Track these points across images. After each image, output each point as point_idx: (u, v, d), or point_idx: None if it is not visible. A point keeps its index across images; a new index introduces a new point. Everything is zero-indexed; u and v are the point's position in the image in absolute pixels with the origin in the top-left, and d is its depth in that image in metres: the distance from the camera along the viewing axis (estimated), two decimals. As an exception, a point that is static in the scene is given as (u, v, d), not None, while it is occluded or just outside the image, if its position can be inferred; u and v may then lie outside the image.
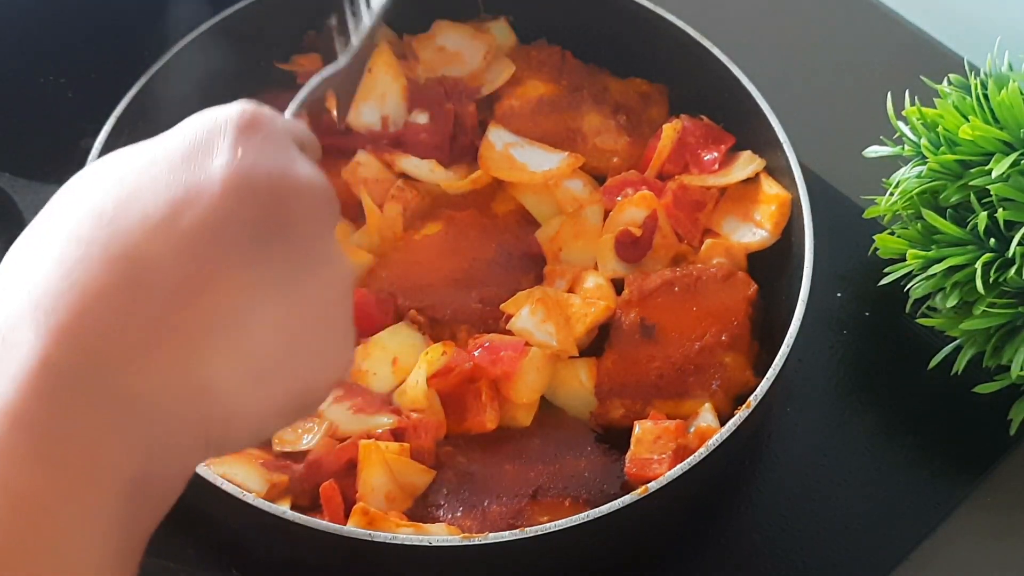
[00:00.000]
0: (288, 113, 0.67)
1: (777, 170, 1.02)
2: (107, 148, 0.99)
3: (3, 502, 0.45)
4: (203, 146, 0.52)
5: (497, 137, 1.07)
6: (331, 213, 0.55)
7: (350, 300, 0.56)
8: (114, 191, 0.51)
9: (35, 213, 1.20)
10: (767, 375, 0.89)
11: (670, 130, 1.06)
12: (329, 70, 0.76)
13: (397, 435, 0.92)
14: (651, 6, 1.09)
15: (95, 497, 0.47)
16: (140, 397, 0.48)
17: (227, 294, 0.50)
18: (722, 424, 0.88)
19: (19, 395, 0.46)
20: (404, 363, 0.95)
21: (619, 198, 1.04)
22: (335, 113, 0.79)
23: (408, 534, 0.83)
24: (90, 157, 0.98)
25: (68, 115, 1.16)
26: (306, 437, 0.91)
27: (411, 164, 1.06)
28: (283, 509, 0.83)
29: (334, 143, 1.03)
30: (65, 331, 0.47)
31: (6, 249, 0.52)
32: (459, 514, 0.89)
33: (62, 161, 1.04)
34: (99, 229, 0.49)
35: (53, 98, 1.18)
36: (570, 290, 1.02)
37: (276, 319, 0.51)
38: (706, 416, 0.93)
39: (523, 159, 1.05)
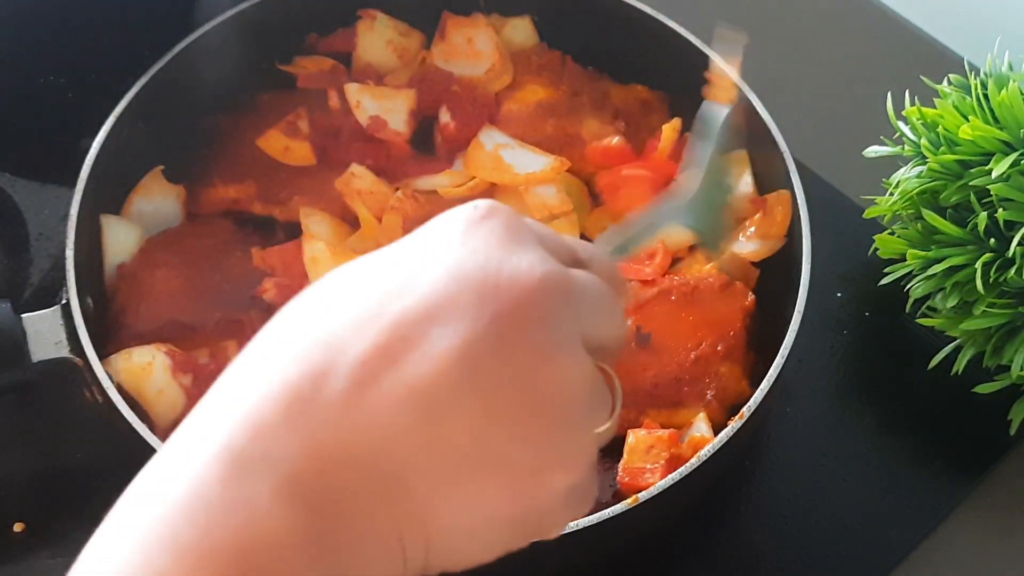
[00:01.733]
0: (610, 255, 0.61)
1: (776, 175, 1.02)
2: (107, 148, 0.99)
3: None
4: (429, 244, 0.50)
5: (488, 138, 1.06)
6: (561, 303, 0.50)
7: (584, 403, 0.51)
8: (335, 287, 0.50)
9: (35, 213, 1.21)
10: (761, 385, 0.88)
11: (670, 130, 1.06)
12: (670, 203, 0.66)
13: None
14: (651, 11, 1.08)
15: None
16: (321, 484, 0.46)
17: (420, 380, 0.47)
18: (716, 433, 0.88)
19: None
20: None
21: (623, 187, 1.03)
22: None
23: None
24: (89, 157, 0.98)
25: (68, 115, 1.16)
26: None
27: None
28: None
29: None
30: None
31: (5, 250, 0.52)
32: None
33: (62, 161, 1.05)
34: (307, 322, 0.49)
35: (53, 98, 1.18)
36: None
37: (484, 407, 0.48)
38: (700, 426, 0.92)
39: (510, 161, 1.05)
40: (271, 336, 0.49)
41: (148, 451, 0.52)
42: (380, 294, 0.48)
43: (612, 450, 0.93)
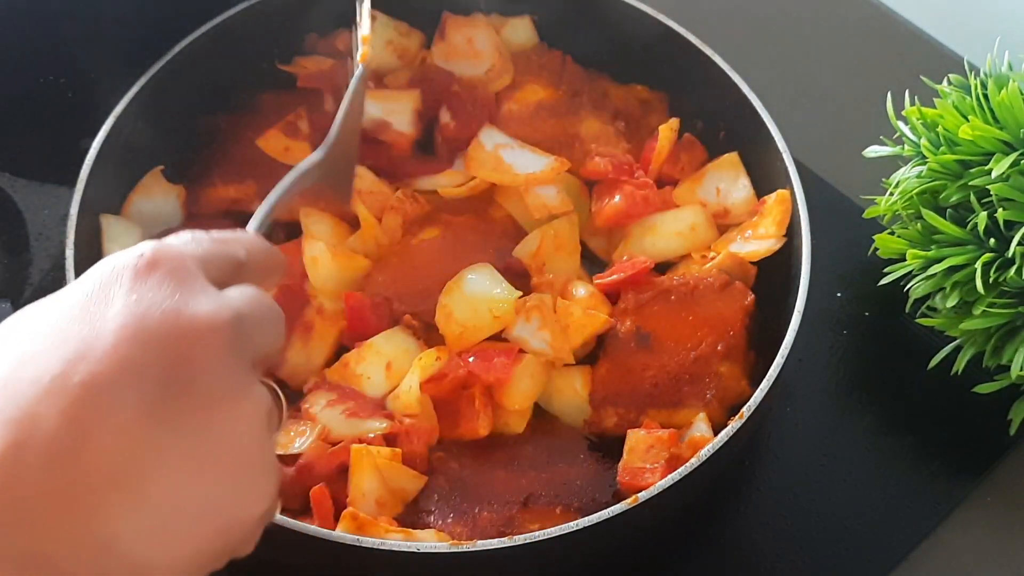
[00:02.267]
0: (256, 237, 0.64)
1: (776, 175, 1.02)
2: (107, 148, 0.99)
3: None
4: (100, 297, 0.52)
5: (488, 138, 1.06)
6: (231, 343, 0.53)
7: (264, 433, 0.55)
8: (12, 355, 0.51)
9: (35, 213, 1.21)
10: (761, 385, 0.88)
11: (667, 130, 1.06)
12: (305, 163, 0.71)
13: (389, 440, 0.92)
14: (651, 11, 1.08)
15: None
16: (35, 557, 0.48)
17: (117, 448, 0.49)
18: (716, 434, 0.88)
19: None
20: (398, 368, 0.95)
21: (617, 198, 1.03)
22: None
23: (397, 540, 0.83)
24: (89, 157, 0.98)
25: (68, 115, 1.16)
26: (298, 440, 0.91)
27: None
28: (272, 513, 0.82)
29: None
30: None
31: (5, 249, 0.53)
32: (449, 520, 0.89)
33: (62, 161, 1.05)
34: None
35: (53, 98, 1.18)
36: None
37: (178, 464, 0.50)
38: (700, 426, 0.92)
39: (510, 161, 1.05)
40: None
41: None
42: (63, 357, 0.50)
43: (612, 450, 0.93)
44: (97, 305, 0.51)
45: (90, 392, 0.49)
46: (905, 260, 0.98)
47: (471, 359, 0.95)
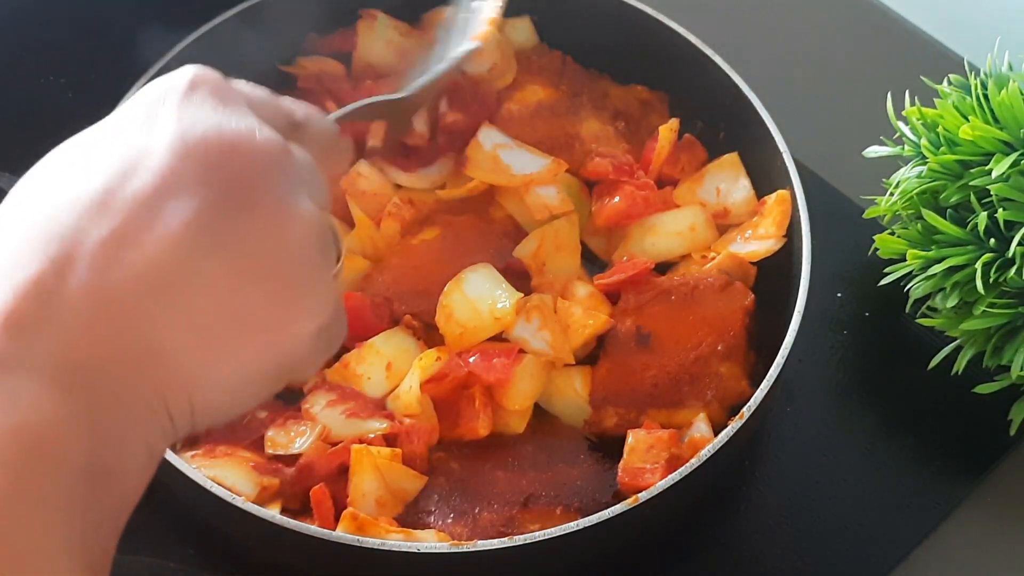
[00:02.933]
0: (329, 118, 0.65)
1: (776, 175, 1.02)
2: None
3: None
4: (145, 116, 0.52)
5: (487, 138, 1.06)
6: (281, 165, 0.53)
7: (316, 253, 0.54)
8: (58, 176, 0.51)
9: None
10: (761, 385, 0.88)
11: (667, 131, 1.06)
12: (387, 96, 0.74)
13: (389, 440, 0.92)
14: (651, 11, 1.08)
15: (45, 485, 0.46)
16: (84, 369, 0.48)
17: (164, 257, 0.49)
18: (716, 434, 0.88)
19: None
20: (398, 368, 0.95)
21: (617, 199, 1.03)
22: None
23: (397, 540, 0.83)
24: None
25: (68, 116, 1.14)
26: (298, 440, 0.91)
27: (406, 178, 1.06)
28: (271, 513, 0.82)
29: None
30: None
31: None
32: (450, 520, 0.89)
33: (62, 162, 1.04)
34: (39, 211, 0.50)
35: (53, 99, 1.18)
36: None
37: (225, 275, 0.51)
38: (700, 426, 0.92)
39: (508, 161, 1.05)
40: (8, 228, 0.51)
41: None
42: (109, 176, 0.50)
43: (612, 450, 0.93)
44: (143, 124, 0.52)
45: (137, 204, 0.49)
46: (905, 260, 0.98)
47: (472, 359, 0.95)
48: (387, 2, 1.12)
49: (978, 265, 0.90)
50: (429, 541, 0.85)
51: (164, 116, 0.52)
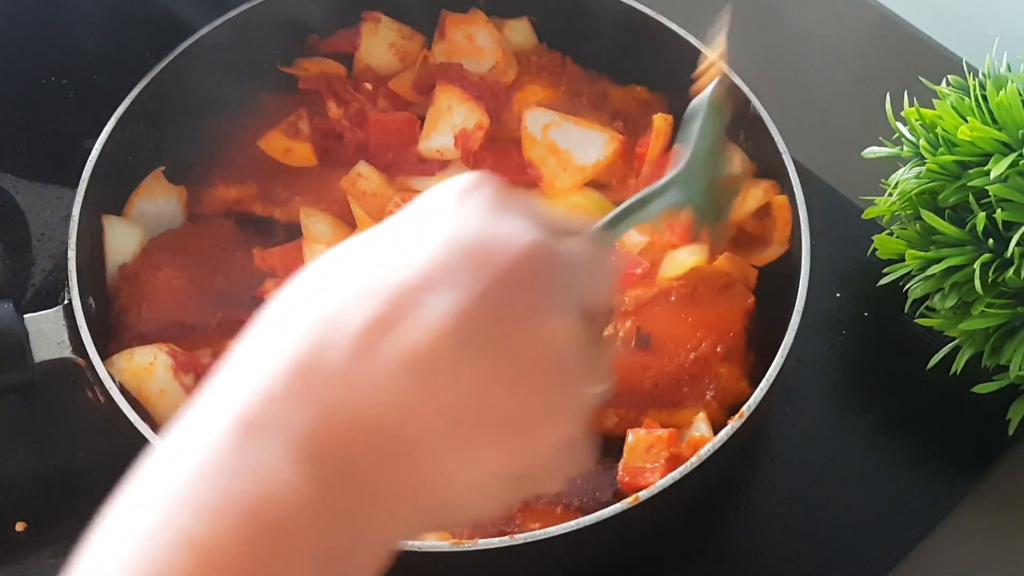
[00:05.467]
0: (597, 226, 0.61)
1: (775, 176, 1.02)
2: (108, 149, 1.00)
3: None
4: (426, 215, 0.53)
5: (533, 121, 1.06)
6: (548, 266, 0.52)
7: (574, 360, 0.53)
8: (333, 267, 0.52)
9: (37, 214, 1.20)
10: (761, 385, 0.89)
11: (661, 120, 1.06)
12: (658, 183, 0.64)
13: None
14: (650, 12, 1.08)
15: (276, 565, 0.46)
16: (333, 448, 0.48)
17: (419, 341, 0.49)
18: (716, 433, 0.88)
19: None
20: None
21: None
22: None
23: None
24: (91, 158, 0.99)
25: (70, 116, 1.16)
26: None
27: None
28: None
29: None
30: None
31: (7, 250, 0.53)
32: (450, 519, 0.89)
33: (64, 162, 1.05)
34: (313, 297, 0.51)
35: (55, 99, 1.18)
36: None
37: (483, 366, 0.50)
38: (700, 426, 0.92)
39: (565, 145, 1.05)
40: (275, 316, 0.51)
41: (150, 451, 0.53)
42: (378, 269, 0.50)
43: (612, 450, 0.93)
44: (419, 225, 0.52)
45: (403, 292, 0.49)
46: (904, 260, 0.98)
47: None
48: (387, 3, 1.12)
49: (976, 265, 0.90)
50: (429, 540, 0.85)
51: (441, 214, 0.52)
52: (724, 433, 0.86)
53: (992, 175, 0.90)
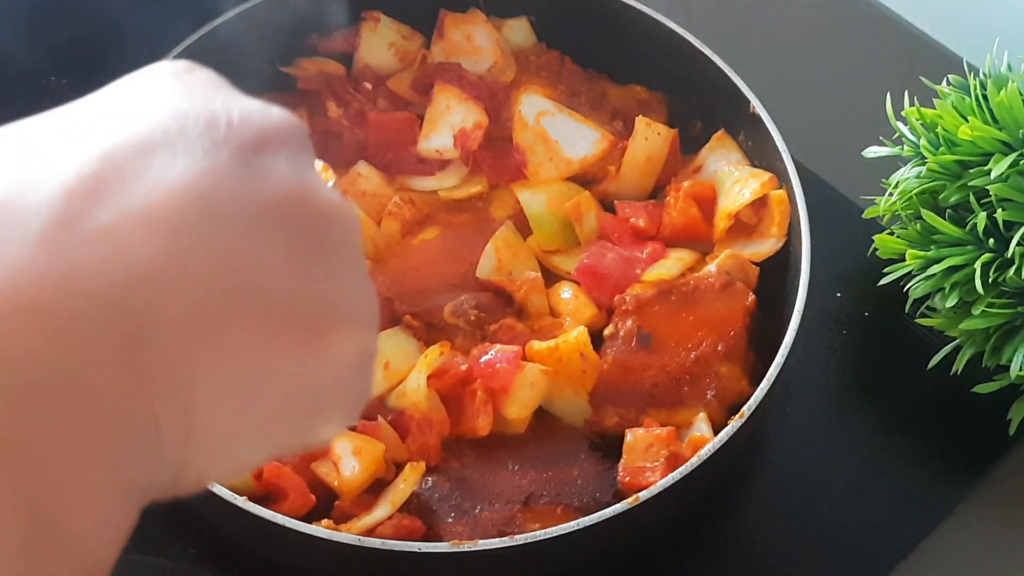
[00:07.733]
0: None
1: (776, 176, 1.02)
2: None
3: None
4: (141, 85, 0.44)
5: (529, 107, 1.06)
6: (301, 146, 0.43)
7: (355, 238, 0.43)
8: (30, 127, 0.41)
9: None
10: (761, 385, 0.89)
11: (642, 123, 1.06)
12: None
13: (401, 433, 0.92)
14: (650, 12, 1.08)
15: None
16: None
17: (152, 204, 0.37)
18: (716, 433, 0.88)
19: None
20: (396, 367, 0.95)
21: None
22: None
23: (398, 540, 0.83)
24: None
25: (70, 116, 1.16)
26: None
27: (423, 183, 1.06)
28: (272, 513, 0.82)
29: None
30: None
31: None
32: (450, 520, 0.89)
33: (64, 162, 1.04)
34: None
35: (56, 99, 1.17)
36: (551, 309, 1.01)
37: (229, 236, 0.38)
38: (700, 426, 0.92)
39: (555, 135, 1.05)
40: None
41: None
42: (86, 128, 0.39)
43: (613, 450, 0.93)
44: (133, 95, 0.43)
45: (115, 154, 0.38)
46: (904, 260, 0.98)
47: (482, 360, 0.95)
48: (387, 4, 1.12)
49: (977, 265, 0.90)
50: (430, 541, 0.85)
51: (159, 85, 0.43)
52: (724, 433, 0.86)
53: (993, 175, 0.90)
